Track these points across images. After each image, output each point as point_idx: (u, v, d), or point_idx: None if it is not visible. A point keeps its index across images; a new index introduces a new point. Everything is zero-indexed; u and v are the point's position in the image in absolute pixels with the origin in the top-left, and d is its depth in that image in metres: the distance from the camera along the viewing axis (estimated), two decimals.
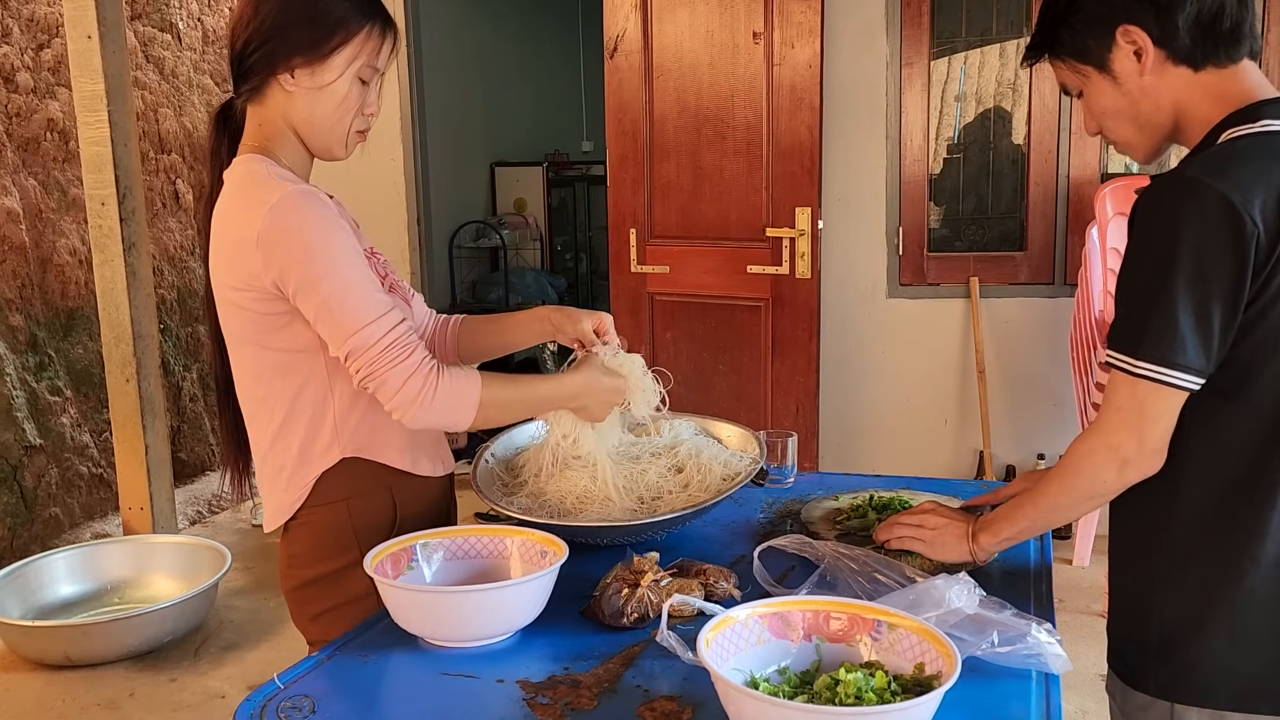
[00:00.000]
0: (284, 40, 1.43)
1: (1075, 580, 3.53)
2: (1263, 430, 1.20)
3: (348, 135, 1.50)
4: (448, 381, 1.41)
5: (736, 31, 3.55)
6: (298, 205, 1.38)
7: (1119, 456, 1.21)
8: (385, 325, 1.39)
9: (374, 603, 1.47)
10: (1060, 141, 3.78)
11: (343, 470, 1.51)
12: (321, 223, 1.39)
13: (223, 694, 3.03)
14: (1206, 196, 1.15)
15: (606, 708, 1.16)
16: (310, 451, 1.50)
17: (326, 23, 1.43)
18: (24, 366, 4.12)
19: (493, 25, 6.89)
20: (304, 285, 1.38)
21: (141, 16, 5.05)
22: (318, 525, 1.53)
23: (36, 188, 4.34)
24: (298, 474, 1.51)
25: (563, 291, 7.15)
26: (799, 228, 3.52)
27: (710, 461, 1.70)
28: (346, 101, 1.47)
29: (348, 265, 1.39)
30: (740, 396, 3.73)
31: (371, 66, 1.48)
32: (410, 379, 1.38)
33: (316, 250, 1.37)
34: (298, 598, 1.58)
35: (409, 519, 1.56)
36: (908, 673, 1.10)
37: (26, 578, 3.40)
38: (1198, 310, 1.16)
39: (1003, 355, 3.91)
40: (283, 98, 1.47)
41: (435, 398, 1.40)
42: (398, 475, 1.55)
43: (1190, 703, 1.24)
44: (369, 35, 1.46)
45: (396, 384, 1.38)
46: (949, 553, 1.44)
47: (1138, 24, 1.26)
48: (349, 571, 1.51)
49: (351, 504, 1.52)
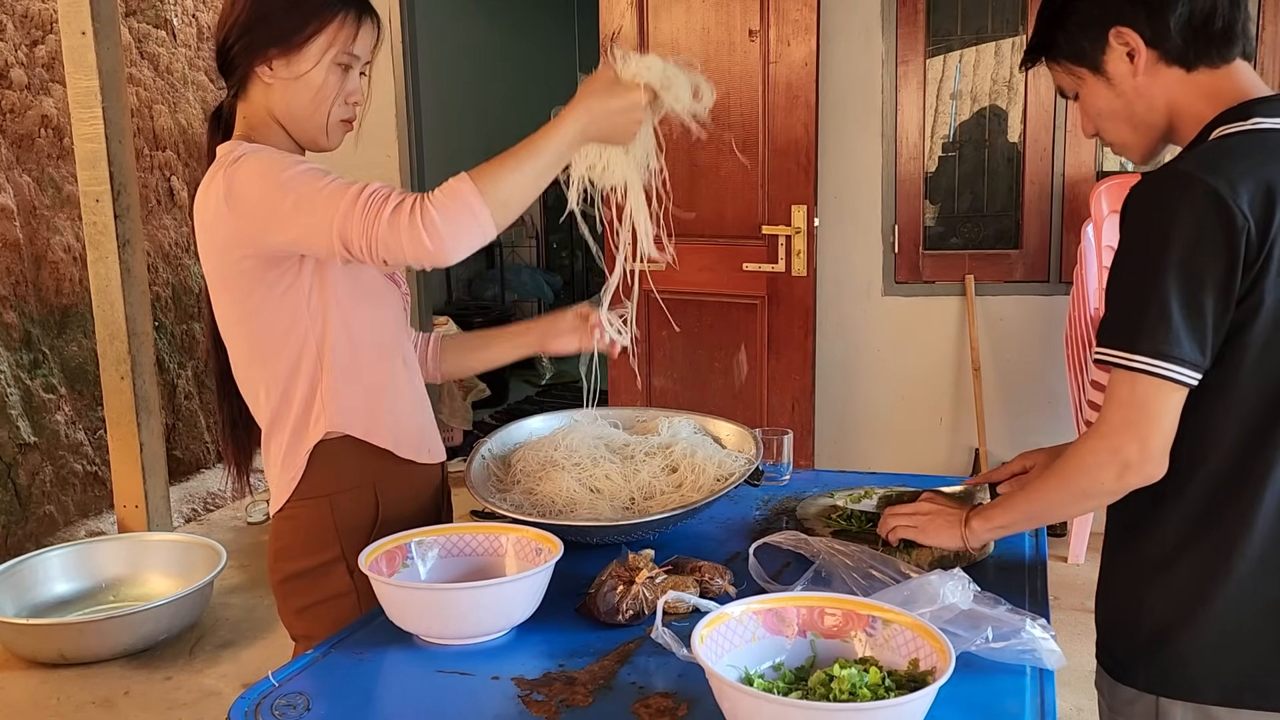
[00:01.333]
0: (259, 32, 1.45)
1: (1071, 578, 3.54)
2: (1252, 427, 1.20)
3: (328, 124, 1.51)
4: (436, 194, 1.33)
5: (732, 29, 3.55)
6: (250, 156, 1.41)
7: (1120, 459, 1.21)
8: (357, 188, 1.35)
9: (354, 601, 1.50)
10: (1055, 139, 3.79)
11: (330, 457, 1.52)
12: (272, 158, 1.41)
13: (218, 692, 3.02)
14: (1197, 190, 1.16)
15: (601, 704, 1.16)
16: (304, 426, 1.52)
17: (299, 12, 1.45)
18: (18, 364, 4.12)
19: (488, 21, 6.89)
20: (276, 210, 1.37)
21: (136, 13, 5.04)
22: (301, 520, 1.54)
23: (31, 184, 4.33)
24: (294, 451, 1.53)
25: (558, 288, 7.15)
26: (795, 225, 3.52)
27: (704, 462, 1.70)
28: (324, 90, 1.47)
29: (306, 173, 1.38)
30: (736, 394, 3.73)
31: (348, 53, 1.48)
32: (403, 202, 1.32)
33: (272, 174, 1.38)
34: (282, 591, 1.59)
35: (392, 519, 1.55)
36: (902, 668, 1.10)
37: (21, 576, 3.39)
38: (1190, 304, 1.16)
39: (998, 353, 3.92)
40: (263, 90, 1.49)
41: (435, 204, 1.31)
42: (383, 465, 1.55)
43: (1178, 697, 1.25)
44: (343, 22, 1.46)
45: (393, 213, 1.31)
46: (942, 538, 1.44)
47: (1130, 25, 1.27)
48: (330, 567, 1.53)
49: (335, 500, 1.53)
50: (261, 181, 1.39)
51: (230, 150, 1.46)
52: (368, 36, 1.50)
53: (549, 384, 6.57)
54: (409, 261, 1.34)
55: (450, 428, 5.09)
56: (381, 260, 1.34)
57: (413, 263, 1.34)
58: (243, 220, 1.40)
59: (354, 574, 1.51)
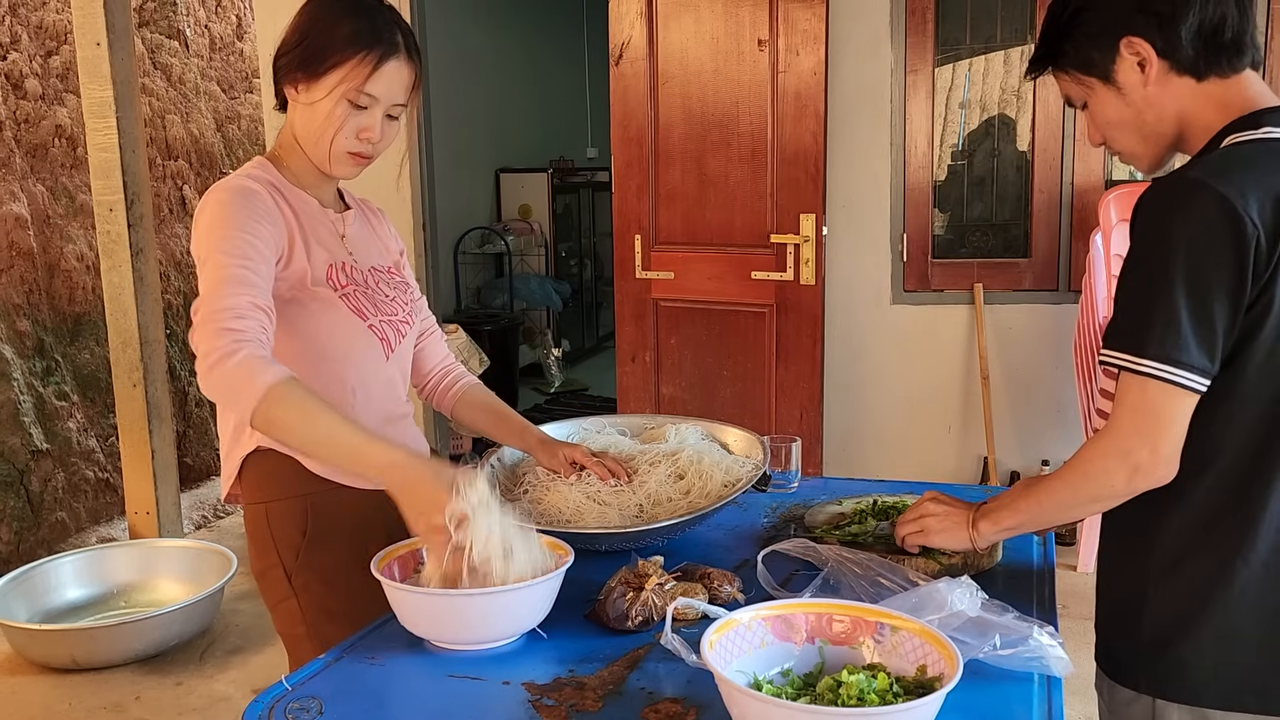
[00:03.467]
0: (293, 56, 1.53)
1: (1079, 586, 3.53)
2: (1258, 434, 1.21)
3: (331, 152, 1.55)
4: (250, 361, 1.33)
5: (741, 39, 3.56)
6: (225, 190, 1.49)
7: (1131, 463, 1.21)
8: (229, 303, 1.38)
9: (294, 606, 1.57)
10: (1064, 148, 3.79)
11: (264, 467, 1.57)
12: (233, 205, 1.47)
13: (228, 697, 3.04)
14: (1207, 196, 1.16)
15: (611, 709, 1.17)
16: (240, 433, 1.58)
17: (327, 44, 1.50)
18: (31, 371, 4.14)
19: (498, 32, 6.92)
20: (199, 254, 1.47)
21: (149, 23, 5.08)
22: (251, 523, 1.61)
23: (44, 194, 4.36)
24: (231, 453, 1.60)
25: (567, 297, 7.17)
26: (803, 234, 3.53)
27: (711, 468, 1.70)
28: (330, 119, 1.52)
29: (233, 240, 1.43)
30: (744, 402, 3.73)
31: (362, 92, 1.51)
32: (215, 339, 1.34)
33: (214, 226, 1.45)
34: (259, 587, 1.65)
35: (327, 532, 1.57)
36: (910, 675, 1.11)
37: (33, 581, 3.42)
38: (1199, 310, 1.16)
39: (1007, 361, 3.92)
40: (292, 110, 1.58)
41: (226, 367, 1.32)
42: (314, 483, 1.56)
43: (1177, 700, 1.25)
44: (360, 62, 1.50)
45: (201, 341, 1.36)
46: (948, 539, 1.44)
47: (1141, 35, 1.27)
48: (272, 572, 1.60)
49: (269, 508, 1.58)
50: (206, 225, 1.47)
51: (239, 171, 1.56)
52: (390, 80, 1.51)
53: (557, 392, 6.59)
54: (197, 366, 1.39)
55: (460, 436, 5.10)
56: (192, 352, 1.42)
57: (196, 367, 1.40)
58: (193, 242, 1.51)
59: (292, 580, 1.57)
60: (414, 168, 4.34)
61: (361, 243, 1.66)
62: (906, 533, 1.49)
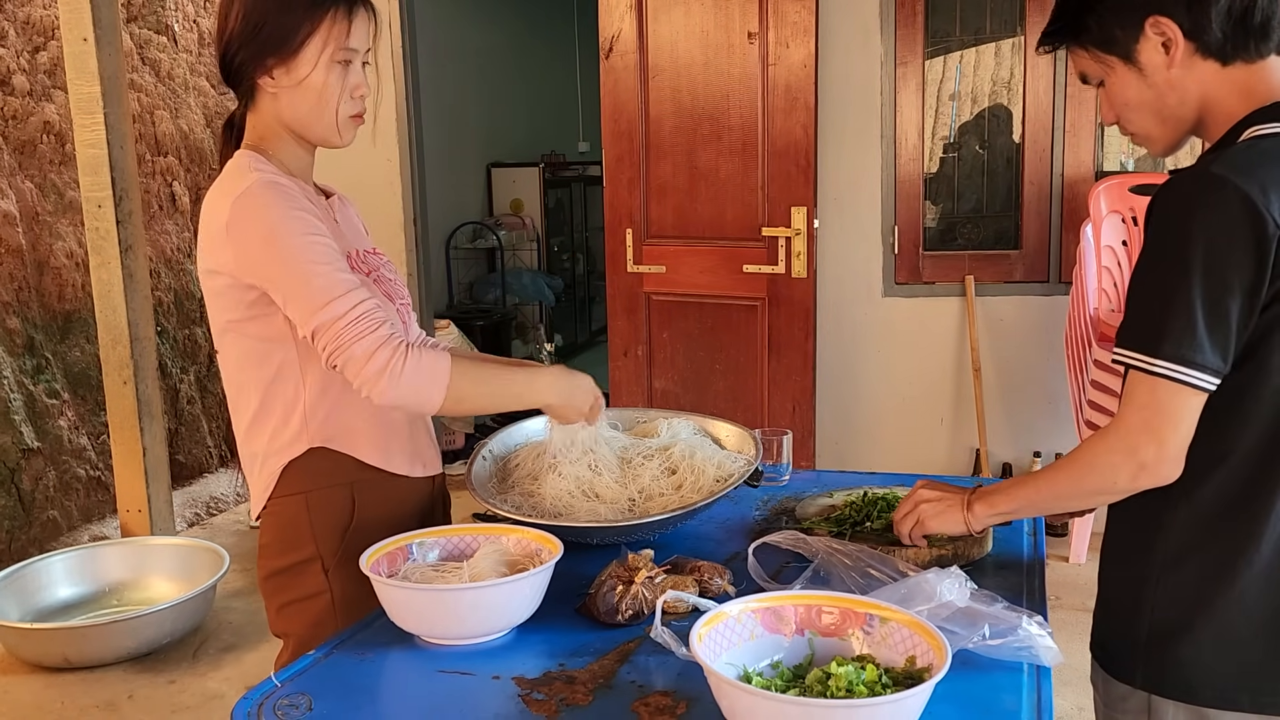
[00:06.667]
0: (255, 43, 1.46)
1: (1072, 577, 3.54)
2: (1269, 434, 1.19)
3: (337, 122, 1.51)
4: (416, 356, 1.39)
5: (731, 31, 3.56)
6: (259, 193, 1.42)
7: (1136, 460, 1.19)
8: (350, 301, 1.39)
9: (328, 600, 1.52)
10: (1055, 140, 3.79)
11: (309, 461, 1.53)
12: (282, 207, 1.42)
13: (221, 695, 3.03)
14: (1227, 193, 1.13)
15: (601, 703, 1.17)
16: (280, 439, 1.52)
17: (290, 16, 1.45)
18: (21, 369, 4.13)
19: (488, 25, 6.90)
20: (270, 271, 1.41)
21: (137, 19, 5.05)
22: (280, 517, 1.55)
23: (33, 190, 4.34)
24: (269, 462, 1.54)
25: (560, 292, 7.16)
26: (795, 227, 3.53)
27: (704, 463, 1.70)
28: (326, 90, 1.48)
29: (310, 246, 1.41)
30: (737, 396, 3.74)
31: (345, 49, 1.48)
32: (378, 351, 1.37)
33: (279, 235, 1.40)
34: (265, 588, 1.61)
35: (370, 520, 1.55)
36: (899, 665, 1.11)
37: (25, 580, 3.41)
38: (1215, 309, 1.14)
39: (998, 353, 3.93)
40: (270, 100, 1.50)
41: (404, 371, 1.38)
42: (364, 472, 1.55)
43: (1173, 697, 1.25)
44: (334, 18, 1.46)
45: (363, 357, 1.37)
46: (943, 522, 1.44)
47: (1169, 15, 1.23)
48: (305, 567, 1.54)
49: (310, 498, 1.54)
50: (263, 235, 1.41)
51: (239, 167, 1.47)
52: (362, 28, 1.50)
53: None
54: (352, 380, 1.39)
55: (452, 430, 5.10)
56: (331, 365, 1.40)
57: (355, 383, 1.39)
58: (236, 255, 1.43)
59: (329, 574, 1.53)
60: (405, 163, 4.33)
61: (350, 228, 1.65)
62: (904, 525, 1.49)
